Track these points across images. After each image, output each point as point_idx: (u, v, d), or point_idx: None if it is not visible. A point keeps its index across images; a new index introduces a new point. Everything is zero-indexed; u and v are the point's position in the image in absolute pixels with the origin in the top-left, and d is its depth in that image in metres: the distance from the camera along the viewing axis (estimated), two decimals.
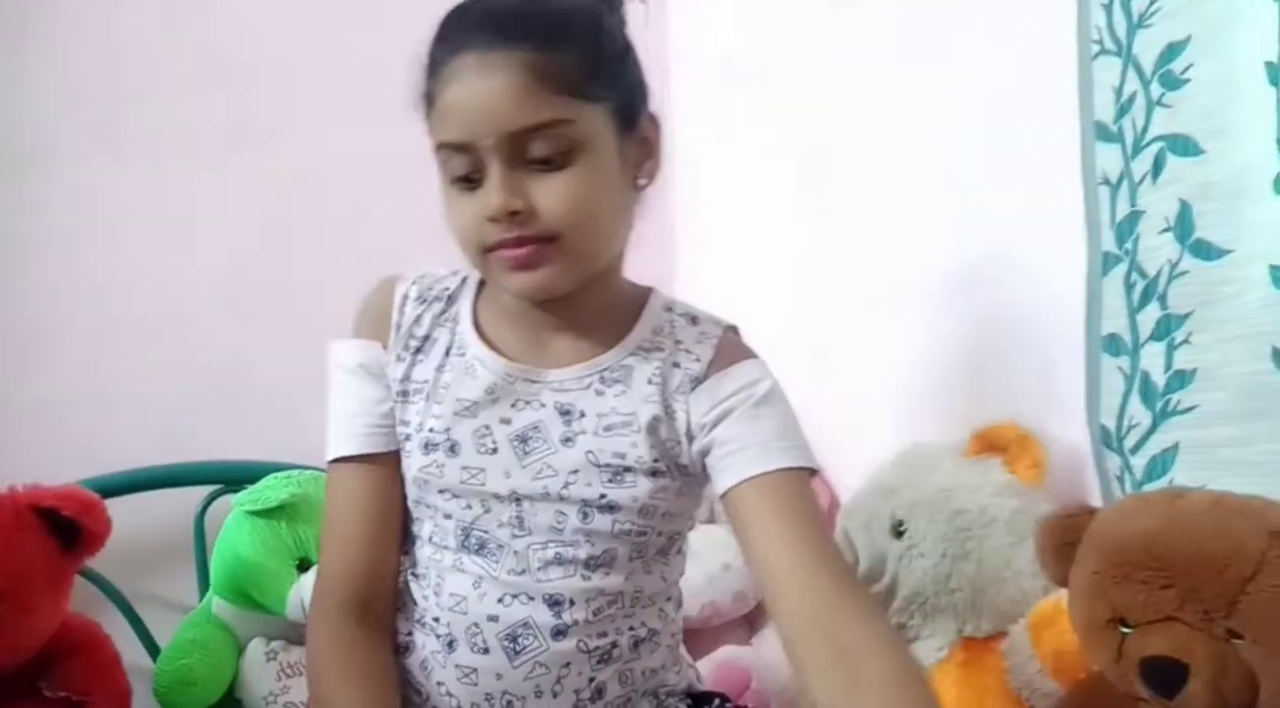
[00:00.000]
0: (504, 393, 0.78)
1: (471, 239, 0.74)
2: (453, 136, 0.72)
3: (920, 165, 1.24)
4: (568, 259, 0.73)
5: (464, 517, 0.77)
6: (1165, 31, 0.96)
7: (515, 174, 0.71)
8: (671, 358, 0.78)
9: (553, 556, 0.76)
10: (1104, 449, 1.01)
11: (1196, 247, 0.94)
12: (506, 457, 0.76)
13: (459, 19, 0.73)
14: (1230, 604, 0.72)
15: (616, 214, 0.76)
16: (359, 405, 0.80)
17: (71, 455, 1.21)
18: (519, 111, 0.69)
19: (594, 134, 0.72)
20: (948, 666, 0.98)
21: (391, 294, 0.82)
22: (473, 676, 0.76)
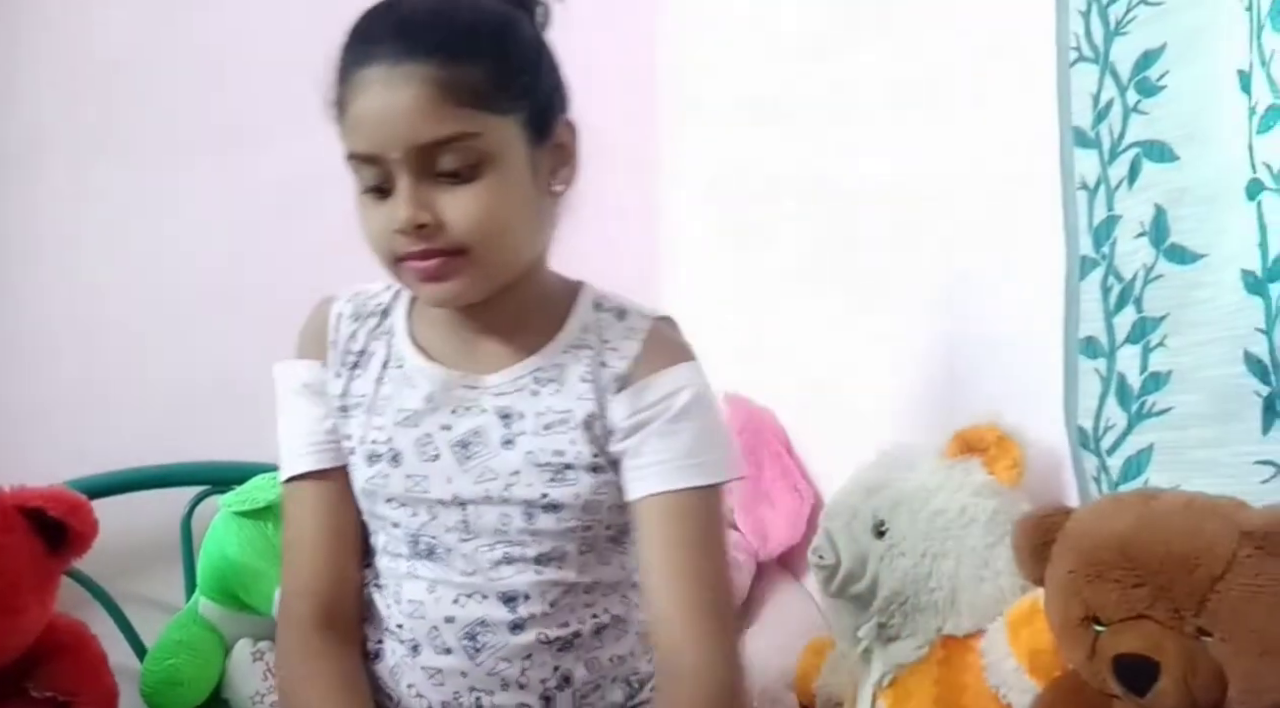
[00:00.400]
0: (444, 401, 0.79)
1: (382, 249, 0.75)
2: (361, 148, 0.72)
3: (903, 169, 1.25)
4: (476, 271, 0.74)
5: (411, 524, 0.79)
6: (1142, 39, 0.97)
7: (423, 187, 0.71)
8: (599, 357, 0.78)
9: (501, 556, 0.77)
10: (1081, 450, 1.03)
11: (1171, 251, 0.95)
12: (448, 463, 0.78)
13: (368, 28, 0.73)
14: (1200, 603, 0.73)
15: (528, 224, 0.77)
16: (306, 424, 0.82)
17: (58, 456, 1.21)
18: (425, 126, 0.70)
19: (503, 146, 0.73)
20: (927, 664, 0.99)
21: (327, 314, 0.84)
22: (439, 676, 0.78)
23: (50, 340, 1.28)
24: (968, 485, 1.01)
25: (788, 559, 1.39)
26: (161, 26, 1.35)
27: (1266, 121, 0.85)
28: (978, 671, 0.96)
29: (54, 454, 1.23)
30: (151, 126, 1.34)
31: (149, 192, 1.34)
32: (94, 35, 1.31)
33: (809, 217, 1.40)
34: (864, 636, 1.04)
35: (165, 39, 1.35)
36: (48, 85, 1.30)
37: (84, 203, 1.31)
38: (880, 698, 1.03)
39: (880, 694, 1.03)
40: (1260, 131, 0.86)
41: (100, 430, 1.28)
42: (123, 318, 1.32)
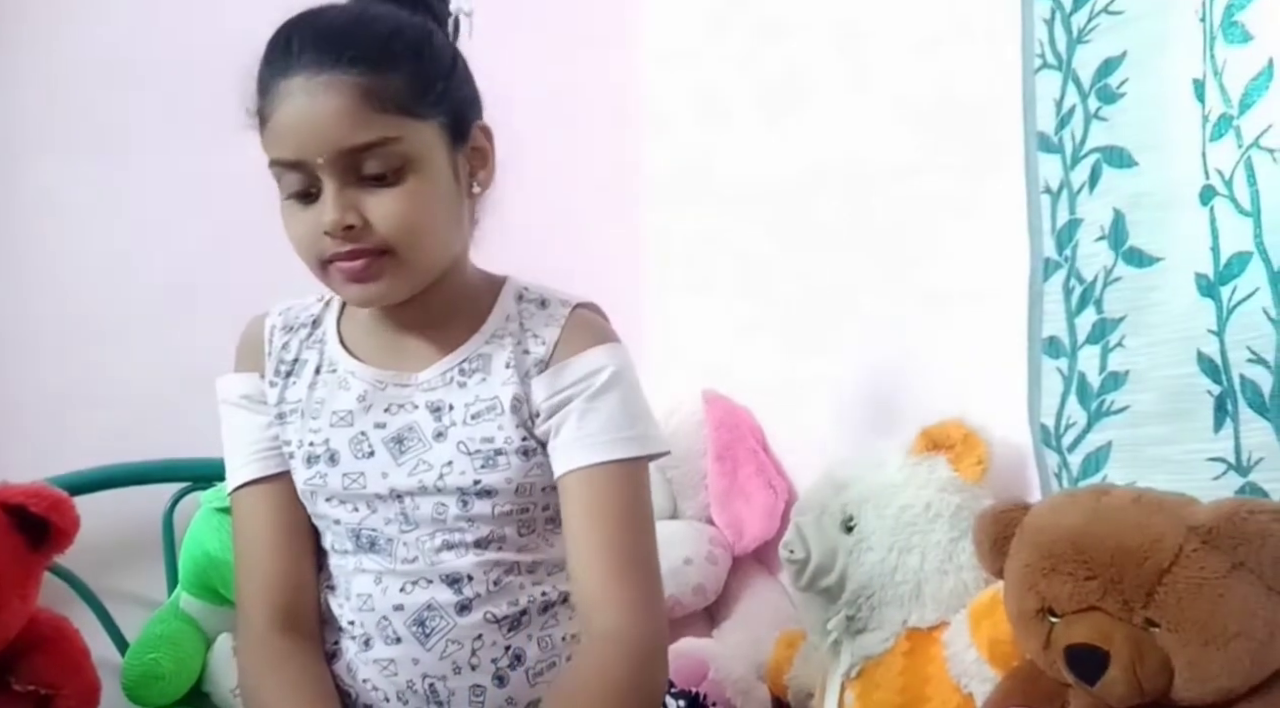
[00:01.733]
0: (376, 400, 0.82)
1: (309, 252, 0.77)
2: (286, 155, 0.75)
3: (874, 173, 1.27)
4: (401, 270, 0.76)
5: (352, 520, 0.81)
6: (1103, 47, 1.00)
7: (348, 191, 0.74)
8: (521, 344, 0.81)
9: (440, 543, 0.79)
10: (1044, 447, 1.06)
11: (1129, 254, 0.98)
12: (383, 458, 0.80)
13: (287, 41, 0.75)
14: (1148, 595, 0.76)
15: (449, 224, 0.79)
16: (248, 433, 0.85)
17: (40, 453, 1.22)
18: (349, 131, 0.72)
19: (424, 150, 0.75)
20: (893, 655, 1.02)
21: (261, 327, 0.87)
22: (391, 667, 0.80)
23: (30, 337, 1.29)
24: (933, 482, 1.04)
25: (763, 554, 1.41)
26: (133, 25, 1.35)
27: (1219, 129, 0.89)
28: (941, 662, 0.98)
29: (35, 451, 1.24)
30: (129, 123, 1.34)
31: (129, 188, 1.34)
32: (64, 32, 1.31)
33: (782, 219, 1.42)
34: (833, 628, 1.06)
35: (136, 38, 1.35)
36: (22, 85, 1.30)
37: (59, 200, 1.31)
38: (848, 689, 1.06)
39: (849, 685, 1.06)
40: (1213, 139, 0.89)
41: (81, 427, 1.29)
42: (103, 314, 1.32)
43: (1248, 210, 0.87)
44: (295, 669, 0.80)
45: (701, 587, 1.35)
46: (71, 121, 1.32)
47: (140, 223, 1.35)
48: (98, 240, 1.33)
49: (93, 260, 1.32)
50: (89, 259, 1.32)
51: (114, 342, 1.32)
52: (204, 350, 1.35)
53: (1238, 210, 0.87)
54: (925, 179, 1.20)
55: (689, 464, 1.40)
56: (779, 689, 1.22)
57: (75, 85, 1.32)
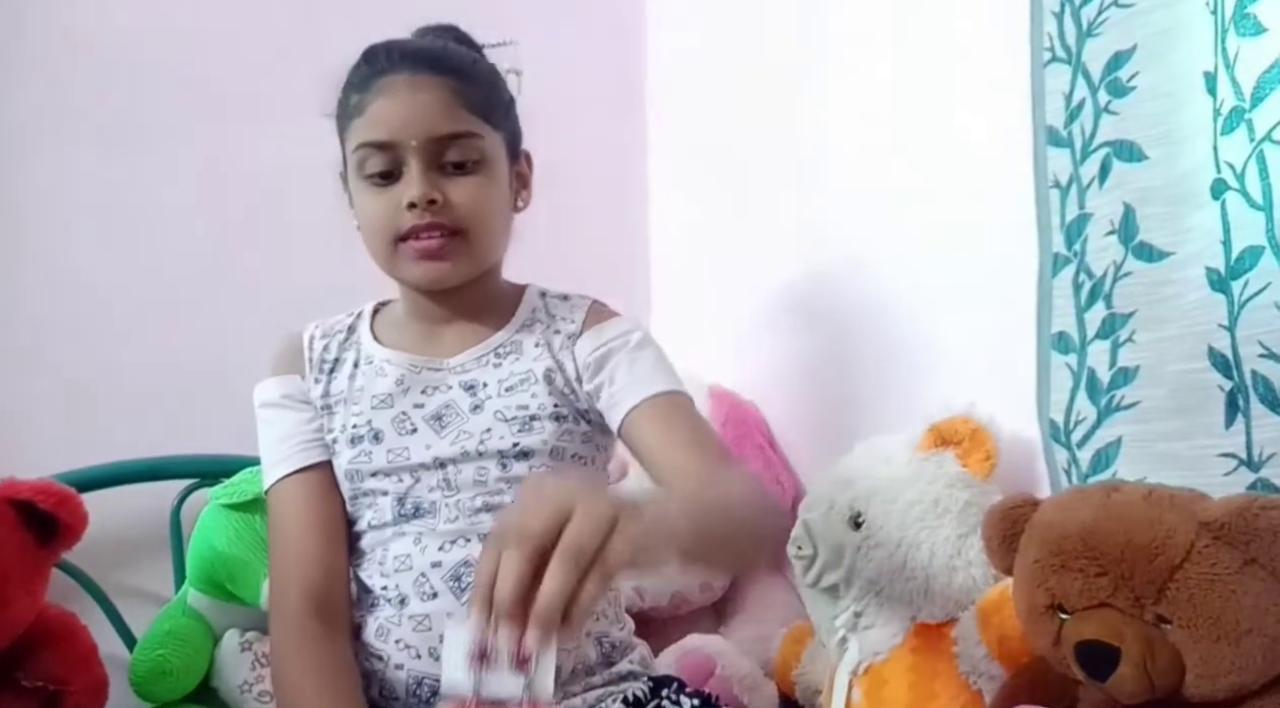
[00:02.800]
0: (413, 383, 0.89)
1: (386, 228, 0.86)
2: (380, 136, 0.84)
3: (882, 168, 1.27)
4: (468, 253, 0.87)
5: (397, 490, 0.87)
6: (1113, 40, 0.99)
7: (431, 174, 0.85)
8: (551, 327, 0.92)
9: (481, 505, 0.85)
10: (1053, 443, 1.05)
11: (1139, 249, 0.97)
12: (426, 433, 0.87)
13: (386, 52, 0.87)
14: (1159, 591, 0.76)
15: (505, 223, 0.92)
16: (287, 429, 0.91)
17: (48, 450, 1.22)
18: (442, 121, 0.84)
19: (495, 153, 0.88)
20: (901, 651, 1.02)
21: (300, 337, 0.96)
22: (426, 622, 0.83)
23: (39, 334, 1.29)
24: (941, 478, 1.03)
25: None
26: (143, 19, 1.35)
27: (1230, 123, 0.88)
28: (950, 658, 0.98)
29: (43, 447, 1.24)
30: (136, 121, 1.34)
31: (136, 183, 1.35)
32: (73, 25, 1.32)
33: (789, 214, 1.42)
34: (840, 624, 1.06)
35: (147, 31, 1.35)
36: (33, 77, 1.30)
37: (67, 196, 1.31)
38: (856, 685, 1.05)
39: (856, 682, 1.05)
40: (1224, 132, 0.88)
41: (89, 424, 1.29)
42: (112, 311, 1.33)
43: (1260, 204, 0.86)
44: (324, 653, 0.83)
45: (708, 583, 1.35)
46: (79, 117, 1.32)
47: (148, 219, 1.35)
48: (105, 236, 1.33)
49: (100, 257, 1.33)
50: (96, 255, 1.33)
51: (121, 338, 1.32)
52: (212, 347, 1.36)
53: (1249, 204, 0.87)
54: (933, 174, 1.19)
55: None
56: (786, 686, 1.21)
57: (84, 80, 1.32)
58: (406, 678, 0.83)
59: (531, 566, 0.54)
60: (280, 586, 0.87)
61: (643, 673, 0.89)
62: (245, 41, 1.41)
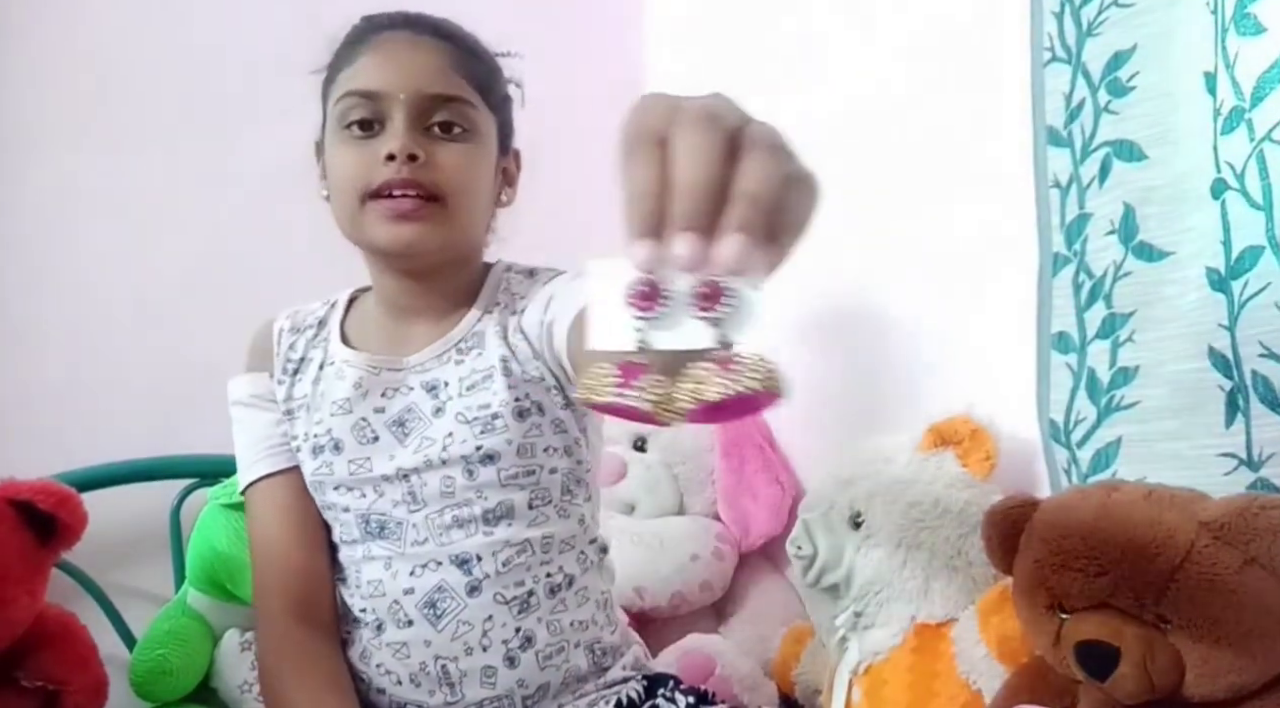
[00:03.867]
0: (372, 385, 0.84)
1: (358, 181, 0.79)
2: (368, 85, 0.79)
3: (880, 166, 1.27)
4: (443, 222, 0.79)
5: (360, 506, 0.83)
6: (1113, 40, 0.99)
7: (415, 133, 0.78)
8: (509, 309, 0.85)
9: (450, 520, 0.80)
10: (1053, 443, 1.05)
11: (1139, 249, 0.97)
12: (387, 441, 0.82)
13: (385, 16, 0.83)
14: (1160, 591, 0.76)
15: (483, 208, 0.85)
16: (259, 430, 0.87)
17: (48, 450, 1.22)
18: (437, 80, 0.79)
19: (485, 131, 0.82)
20: (901, 651, 1.02)
21: (270, 330, 0.90)
22: (404, 649, 0.81)
23: (38, 333, 1.29)
24: (941, 478, 1.03)
25: (769, 550, 1.41)
26: (143, 17, 1.35)
27: (1230, 123, 0.88)
28: (950, 658, 0.98)
29: (43, 447, 1.24)
30: (136, 120, 1.34)
31: (134, 184, 1.35)
32: (75, 25, 1.32)
33: None
34: (840, 624, 1.06)
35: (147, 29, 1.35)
36: (31, 79, 1.30)
37: (69, 196, 1.32)
38: (856, 685, 1.05)
39: (856, 682, 1.05)
40: (1224, 132, 0.88)
41: (89, 424, 1.29)
42: (111, 311, 1.33)
43: (1260, 204, 0.86)
44: (313, 659, 0.81)
45: (708, 583, 1.35)
46: (80, 117, 1.32)
47: (147, 219, 1.35)
48: (105, 236, 1.33)
49: (100, 257, 1.33)
50: (97, 255, 1.33)
51: (121, 338, 1.32)
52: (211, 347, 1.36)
53: (1250, 204, 0.87)
54: (933, 174, 1.19)
55: (696, 461, 1.40)
56: (786, 686, 1.21)
57: (84, 80, 1.32)
58: (389, 703, 0.82)
59: (726, 148, 0.39)
60: (263, 593, 0.84)
61: (636, 675, 0.87)
62: (245, 42, 1.41)
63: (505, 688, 0.80)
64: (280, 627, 0.82)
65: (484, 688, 0.80)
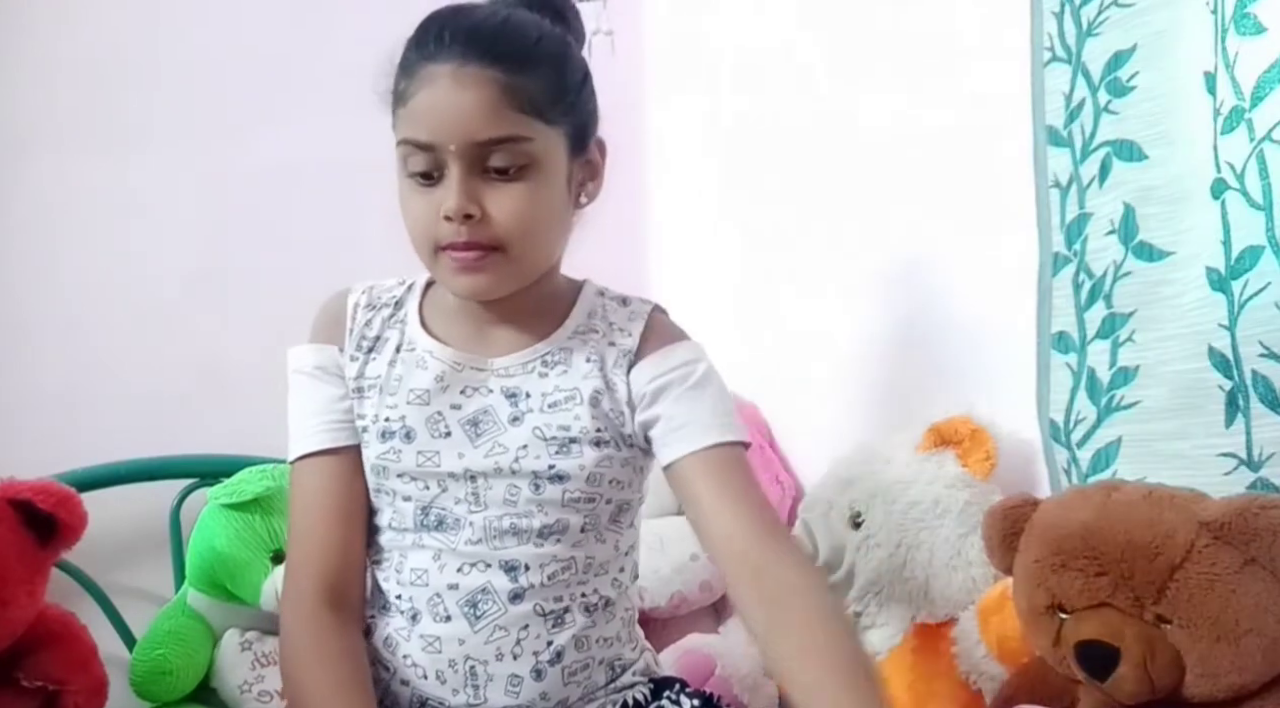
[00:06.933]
0: (453, 381, 0.83)
1: (425, 234, 0.79)
2: (419, 136, 0.77)
3: (881, 168, 1.27)
4: (510, 267, 0.79)
5: (422, 497, 0.82)
6: (1113, 40, 0.99)
7: (472, 180, 0.77)
8: (606, 338, 0.84)
9: (508, 526, 0.81)
10: (1053, 443, 1.05)
11: (1139, 249, 0.97)
12: (459, 439, 0.82)
13: (439, 29, 0.78)
14: (1159, 591, 0.76)
15: (557, 229, 0.83)
16: (318, 404, 0.85)
17: (48, 450, 1.22)
18: (485, 124, 0.76)
19: (548, 154, 0.79)
20: (901, 651, 1.02)
21: (345, 302, 0.88)
22: (436, 644, 0.80)
23: (38, 334, 1.29)
24: (941, 478, 1.03)
25: None
26: (144, 19, 1.35)
27: (1230, 122, 0.88)
28: (950, 658, 0.98)
29: (43, 448, 1.24)
30: (135, 120, 1.34)
31: (136, 183, 1.35)
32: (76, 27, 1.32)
33: (791, 216, 1.42)
34: None
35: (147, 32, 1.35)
36: (27, 82, 1.30)
37: (69, 196, 1.32)
38: None
39: None
40: (1224, 132, 0.88)
41: (89, 424, 1.29)
42: (111, 311, 1.33)
43: (1260, 204, 0.86)
44: (336, 642, 0.80)
45: (708, 583, 1.35)
46: (80, 119, 1.32)
47: (148, 220, 1.35)
48: (105, 237, 1.33)
49: (101, 257, 1.33)
50: (97, 256, 1.33)
51: (121, 338, 1.32)
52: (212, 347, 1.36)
53: (1250, 204, 0.87)
54: (933, 174, 1.19)
55: None
56: None
57: (82, 82, 1.32)
58: (410, 696, 0.82)
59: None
60: (295, 571, 0.83)
61: (643, 679, 0.87)
62: (245, 42, 1.41)
63: (528, 698, 0.80)
64: (308, 606, 0.81)
65: (507, 696, 0.80)
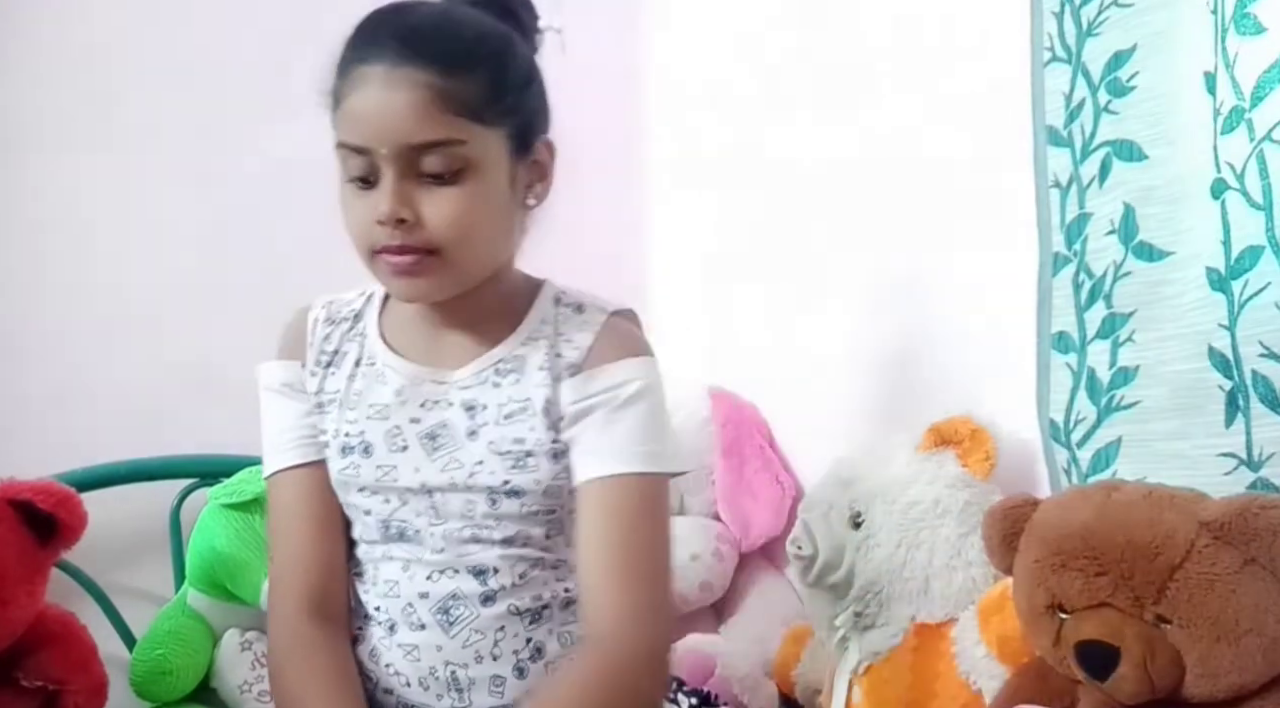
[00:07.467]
0: (412, 395, 0.83)
1: (362, 238, 0.78)
2: (352, 140, 0.76)
3: (881, 168, 1.27)
4: (447, 271, 0.78)
5: (382, 511, 0.82)
6: (1113, 40, 0.99)
7: (406, 184, 0.75)
8: (554, 347, 0.82)
9: (469, 536, 0.81)
10: (1053, 443, 1.05)
11: (1139, 249, 0.97)
12: (416, 453, 0.81)
13: (374, 29, 0.77)
14: (1159, 591, 0.76)
15: (499, 231, 0.81)
16: (287, 420, 0.86)
17: (48, 450, 1.22)
18: (416, 128, 0.74)
19: (486, 156, 0.77)
20: (901, 651, 1.02)
21: (306, 318, 0.88)
22: (415, 652, 0.81)
23: (38, 334, 1.29)
24: (941, 478, 1.03)
25: (770, 550, 1.41)
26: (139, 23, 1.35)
27: (1230, 122, 0.88)
28: (950, 658, 0.98)
29: (43, 448, 1.24)
30: (132, 121, 1.34)
31: (136, 183, 1.35)
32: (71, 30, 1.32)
33: (792, 216, 1.42)
34: (841, 624, 1.06)
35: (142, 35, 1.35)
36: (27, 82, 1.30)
37: (67, 197, 1.32)
38: (856, 685, 1.05)
39: (856, 681, 1.05)
40: (1224, 132, 0.88)
41: (89, 424, 1.29)
42: (111, 311, 1.33)
43: (1260, 204, 0.86)
44: (323, 655, 0.81)
45: (708, 583, 1.35)
46: (78, 120, 1.32)
47: (148, 220, 1.35)
48: (105, 237, 1.33)
49: (101, 257, 1.33)
50: (97, 256, 1.33)
51: (122, 338, 1.32)
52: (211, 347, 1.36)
53: (1250, 204, 0.87)
54: (934, 174, 1.19)
55: (695, 461, 1.40)
56: (786, 686, 1.21)
57: (80, 82, 1.32)
58: (396, 704, 0.82)
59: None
60: (278, 586, 0.84)
61: None
62: (245, 42, 1.41)
63: (513, 697, 0.80)
64: (293, 619, 0.82)
65: (492, 697, 0.80)
